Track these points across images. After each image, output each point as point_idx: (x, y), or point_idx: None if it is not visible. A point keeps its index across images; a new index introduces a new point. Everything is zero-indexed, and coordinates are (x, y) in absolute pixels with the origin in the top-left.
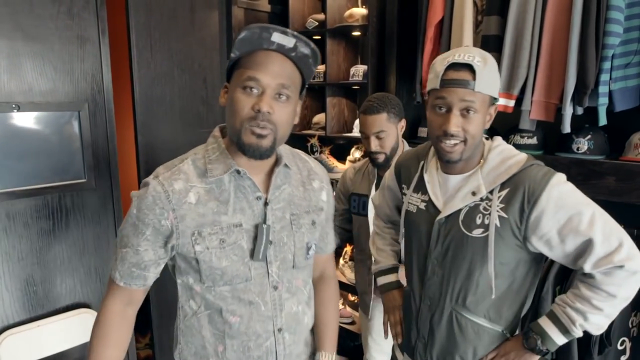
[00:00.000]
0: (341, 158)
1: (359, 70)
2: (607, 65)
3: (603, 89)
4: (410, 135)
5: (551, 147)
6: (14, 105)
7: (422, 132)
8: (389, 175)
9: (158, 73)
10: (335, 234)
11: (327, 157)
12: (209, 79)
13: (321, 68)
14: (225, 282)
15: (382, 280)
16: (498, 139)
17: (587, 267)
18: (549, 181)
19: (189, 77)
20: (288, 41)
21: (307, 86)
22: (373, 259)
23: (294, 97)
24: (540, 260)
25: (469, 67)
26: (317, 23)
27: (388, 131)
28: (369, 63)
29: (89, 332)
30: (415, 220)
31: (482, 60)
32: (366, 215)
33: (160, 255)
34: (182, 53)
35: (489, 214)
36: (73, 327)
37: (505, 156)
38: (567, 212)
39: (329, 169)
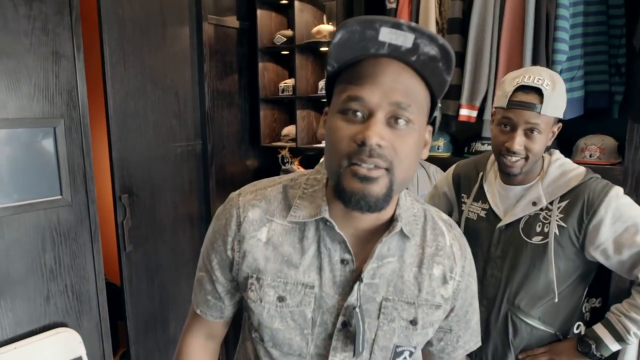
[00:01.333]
0: (310, 168)
1: None
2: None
3: None
4: None
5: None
6: None
7: None
8: (445, 183)
9: (131, 88)
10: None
11: (297, 168)
12: (180, 93)
13: (288, 82)
14: (275, 345)
15: None
16: (557, 153)
17: None
18: (608, 193)
19: (161, 92)
20: (404, 39)
21: (440, 105)
22: None
23: (418, 120)
24: (593, 270)
25: (537, 91)
26: (285, 39)
27: None
28: None
29: (67, 350)
30: (475, 227)
31: (551, 84)
32: None
33: (231, 287)
34: (154, 68)
35: (549, 223)
36: (51, 347)
37: (565, 169)
38: (624, 223)
39: None
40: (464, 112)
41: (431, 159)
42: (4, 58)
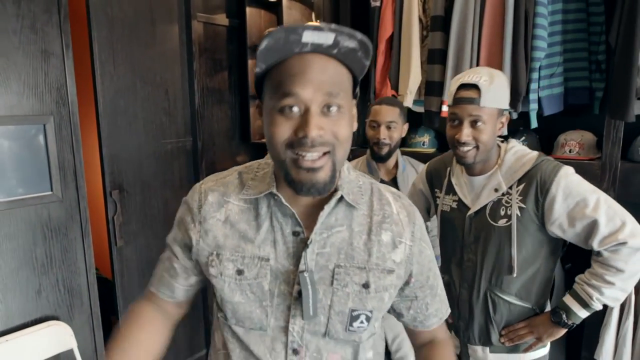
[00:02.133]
0: None
1: None
2: (535, 75)
3: (533, 96)
4: (364, 141)
5: None
6: None
7: None
8: (420, 180)
9: (121, 85)
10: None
11: None
12: (170, 90)
13: None
14: (237, 321)
15: None
16: (512, 141)
17: (595, 246)
18: (557, 173)
19: (151, 89)
20: (325, 38)
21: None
22: None
23: (347, 103)
24: (559, 246)
25: (476, 87)
26: None
27: (397, 125)
28: None
29: (58, 343)
30: (449, 218)
31: (488, 79)
32: None
33: (188, 267)
34: (144, 66)
35: (510, 206)
36: (42, 340)
37: (519, 155)
38: (574, 199)
39: None
40: (446, 108)
41: (417, 155)
42: None
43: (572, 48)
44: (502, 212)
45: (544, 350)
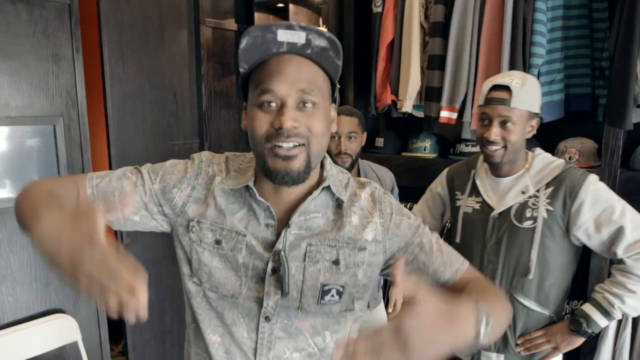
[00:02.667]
0: None
1: None
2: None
3: None
4: (369, 145)
5: None
6: None
7: (379, 142)
8: (439, 184)
9: (130, 88)
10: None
11: None
12: (178, 93)
13: None
14: (211, 287)
15: None
16: (539, 149)
17: (620, 252)
18: (586, 179)
19: (159, 93)
20: (298, 37)
21: (338, 86)
22: None
23: (322, 101)
24: (578, 256)
25: (507, 88)
26: None
27: (357, 135)
28: None
29: (63, 335)
30: (472, 220)
31: (520, 82)
32: None
33: (143, 205)
34: (152, 69)
35: (537, 208)
36: (48, 332)
37: (547, 162)
38: (602, 205)
39: None
40: (444, 114)
41: (418, 160)
42: (6, 59)
43: (574, 54)
44: (528, 214)
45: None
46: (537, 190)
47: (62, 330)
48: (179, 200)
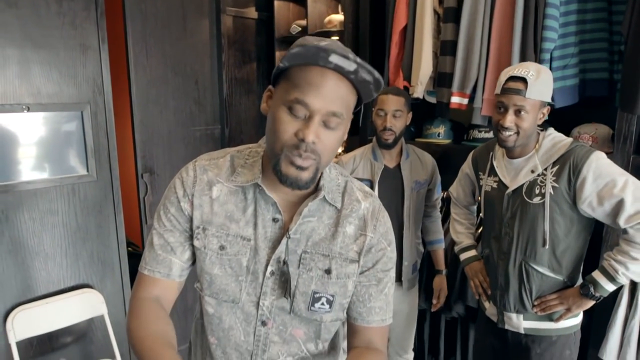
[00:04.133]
0: None
1: None
2: (546, 66)
3: None
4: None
5: None
6: (24, 107)
7: None
8: (466, 166)
9: (153, 76)
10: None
11: None
12: (200, 81)
13: None
14: (212, 293)
15: (464, 255)
16: (550, 129)
17: (622, 223)
18: (590, 156)
19: (182, 80)
20: (348, 65)
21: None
22: (454, 240)
23: (345, 121)
24: (590, 225)
25: (523, 80)
26: (300, 29)
27: (402, 114)
28: None
29: (91, 309)
30: (491, 197)
31: (535, 74)
32: None
33: (184, 239)
34: (175, 57)
35: (545, 185)
36: (77, 305)
37: (555, 142)
38: (604, 179)
39: None
40: (455, 100)
41: (431, 146)
42: (38, 50)
43: (591, 38)
44: (537, 191)
45: (576, 319)
46: (545, 169)
47: (90, 304)
48: (188, 210)
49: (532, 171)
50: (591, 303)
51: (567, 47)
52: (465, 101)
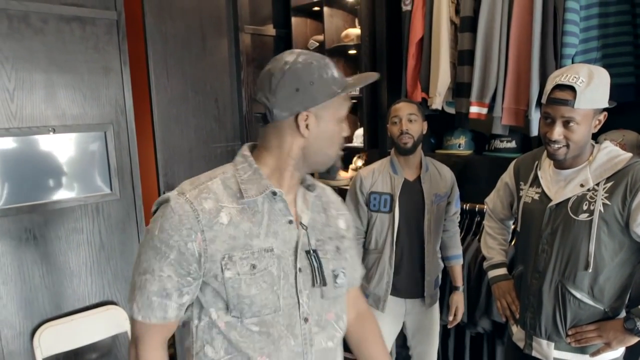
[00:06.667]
0: (344, 167)
1: None
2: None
3: None
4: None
5: (529, 149)
6: (50, 128)
7: None
8: (507, 175)
9: (174, 95)
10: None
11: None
12: (220, 98)
13: None
14: (253, 314)
15: (493, 273)
16: (607, 142)
17: None
18: None
19: (202, 98)
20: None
21: None
22: (485, 255)
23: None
24: None
25: (572, 88)
26: (317, 44)
27: (418, 119)
28: None
29: (115, 325)
30: (531, 209)
31: (585, 80)
32: (387, 212)
33: (183, 284)
34: (195, 77)
35: (595, 201)
36: (102, 322)
37: (612, 155)
38: None
39: (333, 177)
40: (474, 110)
41: (452, 157)
42: (63, 73)
43: (614, 42)
44: (585, 207)
45: (613, 354)
46: (597, 184)
47: (114, 320)
48: (197, 250)
49: (582, 185)
50: (635, 339)
51: (590, 52)
52: (484, 111)
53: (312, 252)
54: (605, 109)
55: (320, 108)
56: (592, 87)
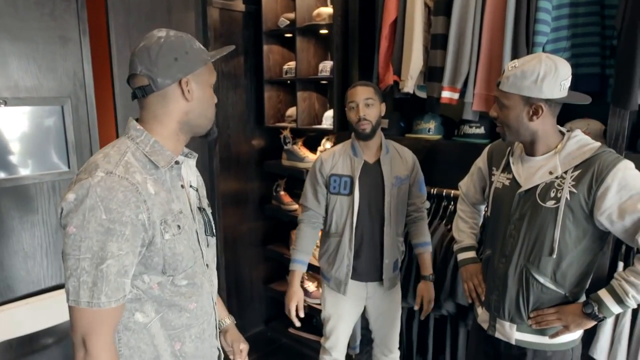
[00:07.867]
0: (312, 149)
1: (326, 66)
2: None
3: None
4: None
5: (498, 136)
6: (1, 100)
7: (384, 123)
8: (481, 159)
9: None
10: None
11: (299, 148)
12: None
13: (292, 64)
14: (183, 269)
15: (462, 256)
16: (577, 131)
17: None
18: (617, 164)
19: None
20: None
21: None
22: (455, 238)
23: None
24: (604, 239)
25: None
26: (288, 22)
27: (375, 102)
28: (334, 59)
29: None
30: (500, 194)
31: (517, 66)
32: (347, 195)
33: (136, 256)
34: None
35: (562, 189)
36: (58, 306)
37: (581, 144)
38: (629, 192)
39: (300, 159)
40: (446, 94)
41: (422, 141)
42: (15, 42)
43: (583, 32)
44: (552, 194)
45: (571, 336)
46: (565, 172)
47: None
48: (146, 219)
49: (551, 172)
50: (592, 323)
51: (560, 41)
52: (456, 96)
53: (203, 209)
54: (552, 102)
55: (197, 74)
56: (520, 74)
